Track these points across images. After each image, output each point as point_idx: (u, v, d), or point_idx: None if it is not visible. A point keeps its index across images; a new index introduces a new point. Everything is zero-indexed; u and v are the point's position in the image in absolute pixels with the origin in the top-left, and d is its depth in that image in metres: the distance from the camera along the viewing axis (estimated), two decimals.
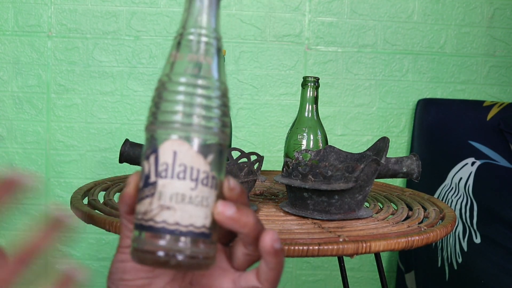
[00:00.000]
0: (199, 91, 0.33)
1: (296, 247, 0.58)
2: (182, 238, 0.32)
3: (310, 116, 0.98)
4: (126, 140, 0.91)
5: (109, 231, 0.65)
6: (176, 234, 0.32)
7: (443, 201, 1.26)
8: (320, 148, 0.93)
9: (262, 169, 1.16)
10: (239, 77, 1.42)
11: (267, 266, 0.33)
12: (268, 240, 0.32)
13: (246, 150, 1.09)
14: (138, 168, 0.36)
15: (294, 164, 0.77)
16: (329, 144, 0.90)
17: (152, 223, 0.32)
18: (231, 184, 0.34)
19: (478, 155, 1.24)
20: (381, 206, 0.85)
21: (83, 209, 0.72)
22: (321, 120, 1.00)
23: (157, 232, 0.32)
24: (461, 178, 1.24)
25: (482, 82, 1.48)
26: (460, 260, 1.17)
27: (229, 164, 0.79)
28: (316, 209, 0.73)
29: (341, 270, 1.16)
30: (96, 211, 0.73)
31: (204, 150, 0.33)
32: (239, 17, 1.41)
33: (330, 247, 0.59)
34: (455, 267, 1.19)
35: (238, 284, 0.35)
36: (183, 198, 0.32)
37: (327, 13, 1.43)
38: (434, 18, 1.45)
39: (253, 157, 0.86)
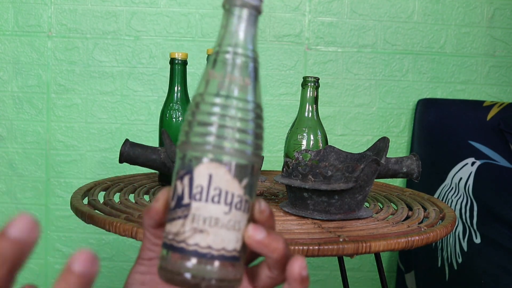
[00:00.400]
0: (236, 113, 0.33)
1: (296, 247, 0.58)
2: (213, 262, 0.32)
3: (310, 116, 0.98)
4: (126, 140, 0.91)
5: (109, 231, 0.65)
6: (207, 257, 0.32)
7: (443, 201, 1.26)
8: (320, 148, 0.93)
9: (262, 169, 1.16)
10: None
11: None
12: (296, 268, 0.32)
13: None
14: (138, 168, 0.36)
15: (294, 164, 0.77)
16: (329, 144, 0.90)
17: (184, 245, 0.32)
18: (262, 206, 0.34)
19: (478, 155, 1.24)
20: (381, 206, 0.85)
21: (83, 209, 0.72)
22: (321, 120, 1.00)
23: (189, 254, 0.32)
24: (461, 178, 1.24)
25: (482, 82, 1.48)
26: (460, 260, 1.17)
27: None
28: (316, 209, 0.73)
29: (341, 270, 1.16)
30: (96, 211, 0.73)
31: (239, 174, 0.33)
32: None
33: (330, 247, 0.59)
34: (455, 267, 1.19)
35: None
36: (216, 222, 0.32)
37: (327, 13, 1.43)
38: (434, 18, 1.45)
39: None
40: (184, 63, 0.96)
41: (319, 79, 0.99)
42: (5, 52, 1.38)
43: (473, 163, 1.23)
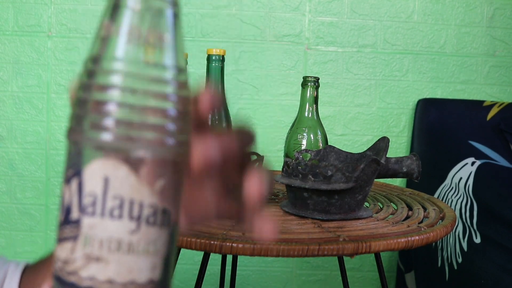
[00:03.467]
0: (147, 85, 0.22)
1: (296, 247, 0.58)
2: None
3: (310, 116, 0.98)
4: None
5: None
6: None
7: (443, 201, 1.26)
8: (320, 148, 0.93)
9: None
10: (239, 77, 1.42)
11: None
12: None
13: None
14: None
15: (294, 164, 0.77)
16: (329, 144, 0.90)
17: (76, 278, 0.22)
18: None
19: (478, 155, 1.24)
20: (381, 206, 0.85)
21: None
22: (321, 120, 1.00)
23: None
24: (461, 178, 1.24)
25: (482, 82, 1.48)
26: (460, 260, 1.17)
27: None
28: (316, 209, 0.73)
29: (341, 270, 1.16)
30: None
31: (151, 173, 0.23)
32: (239, 17, 1.41)
33: (330, 247, 0.59)
34: (455, 267, 1.19)
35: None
36: (119, 245, 0.22)
37: (327, 13, 1.43)
38: (434, 18, 1.45)
39: (253, 157, 0.86)
40: None
41: (319, 79, 0.99)
42: (5, 52, 1.38)
43: (473, 163, 1.23)
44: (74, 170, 0.23)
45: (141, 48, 0.22)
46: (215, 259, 1.30)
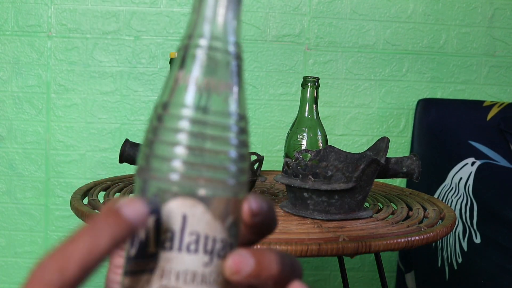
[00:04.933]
0: (215, 130, 0.25)
1: (296, 247, 0.58)
2: None
3: (310, 116, 0.98)
4: (126, 140, 0.91)
5: None
6: None
7: (443, 201, 1.26)
8: (320, 148, 0.93)
9: (262, 169, 1.16)
10: None
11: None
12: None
13: None
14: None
15: (294, 164, 0.77)
16: (329, 144, 0.90)
17: None
18: (253, 206, 0.26)
19: (478, 155, 1.24)
20: (381, 206, 0.85)
21: (83, 209, 0.72)
22: (321, 120, 1.00)
23: None
24: (461, 178, 1.24)
25: (482, 82, 1.48)
26: (460, 260, 1.17)
27: None
28: (316, 209, 0.73)
29: (341, 270, 1.16)
30: (96, 211, 0.73)
31: (222, 211, 0.25)
32: None
33: (330, 247, 0.59)
34: (455, 267, 1.19)
35: None
36: (194, 277, 0.24)
37: (327, 13, 1.43)
38: (434, 18, 1.45)
39: (253, 157, 0.86)
40: None
41: (319, 79, 0.99)
42: (5, 52, 1.38)
43: (473, 163, 1.23)
44: (149, 208, 0.24)
45: (210, 95, 0.25)
46: None
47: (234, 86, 0.25)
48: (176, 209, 0.24)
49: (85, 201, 0.80)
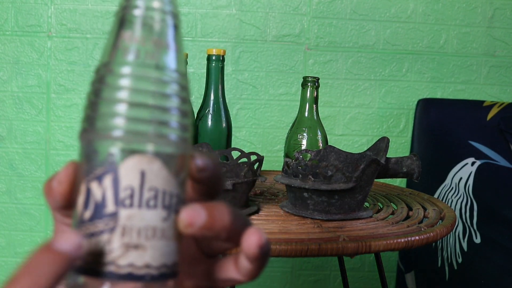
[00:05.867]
0: (162, 87, 0.25)
1: (296, 247, 0.58)
2: (153, 284, 0.25)
3: (310, 116, 0.98)
4: None
5: None
6: (146, 279, 0.24)
7: (443, 201, 1.26)
8: (320, 148, 0.93)
9: (262, 169, 1.16)
10: (239, 77, 1.42)
11: (250, 264, 0.27)
12: (253, 245, 0.26)
13: (246, 150, 1.09)
14: None
15: (294, 164, 0.77)
16: (329, 144, 0.90)
17: (114, 268, 0.24)
18: (199, 163, 0.27)
19: (478, 155, 1.24)
20: (381, 206, 0.85)
21: None
22: (321, 120, 1.00)
23: (122, 278, 0.24)
24: (461, 178, 1.24)
25: (482, 82, 1.48)
26: (460, 260, 1.17)
27: (229, 164, 0.79)
28: (316, 209, 0.73)
29: (341, 270, 1.16)
30: None
31: (176, 167, 0.26)
32: (239, 17, 1.41)
33: (330, 247, 0.59)
34: (455, 267, 1.19)
35: (213, 275, 0.30)
36: (154, 232, 0.25)
37: (327, 13, 1.43)
38: (434, 18, 1.45)
39: (253, 157, 0.86)
40: None
41: (319, 79, 0.99)
42: (5, 52, 1.38)
43: (473, 163, 1.23)
44: (105, 167, 0.24)
45: (145, 53, 0.25)
46: None
47: (171, 43, 0.26)
48: (134, 166, 0.24)
49: None
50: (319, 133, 0.98)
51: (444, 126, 1.36)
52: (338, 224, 0.71)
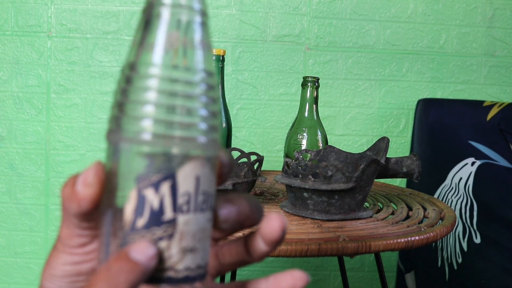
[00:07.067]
0: (212, 90, 0.25)
1: (296, 247, 0.58)
2: (197, 284, 0.25)
3: (310, 116, 0.98)
4: None
5: None
6: (196, 279, 0.25)
7: (443, 201, 1.26)
8: (320, 148, 0.93)
9: (262, 169, 1.16)
10: (239, 77, 1.42)
11: (267, 246, 0.28)
12: (276, 230, 0.27)
13: (246, 150, 1.09)
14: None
15: (294, 164, 0.77)
16: (329, 144, 0.90)
17: (173, 273, 0.24)
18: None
19: (478, 155, 1.24)
20: (381, 206, 0.85)
21: None
22: (321, 120, 1.00)
23: (180, 283, 0.24)
24: (461, 178, 1.24)
25: (482, 82, 1.48)
26: (460, 260, 1.17)
27: None
28: (316, 209, 0.73)
29: (341, 270, 1.16)
30: None
31: (215, 168, 0.26)
32: (239, 17, 1.41)
33: (330, 247, 0.59)
34: (455, 267, 1.19)
35: (221, 259, 0.30)
36: (204, 233, 0.25)
37: (327, 13, 1.43)
38: (434, 18, 1.45)
39: (253, 157, 0.86)
40: None
41: (319, 79, 0.99)
42: (5, 52, 1.38)
43: (473, 163, 1.23)
44: (163, 174, 0.24)
45: (173, 53, 0.24)
46: None
47: (200, 43, 0.25)
48: (190, 172, 0.24)
49: None
50: (319, 133, 0.98)
51: (444, 126, 1.36)
52: (338, 224, 0.71)
